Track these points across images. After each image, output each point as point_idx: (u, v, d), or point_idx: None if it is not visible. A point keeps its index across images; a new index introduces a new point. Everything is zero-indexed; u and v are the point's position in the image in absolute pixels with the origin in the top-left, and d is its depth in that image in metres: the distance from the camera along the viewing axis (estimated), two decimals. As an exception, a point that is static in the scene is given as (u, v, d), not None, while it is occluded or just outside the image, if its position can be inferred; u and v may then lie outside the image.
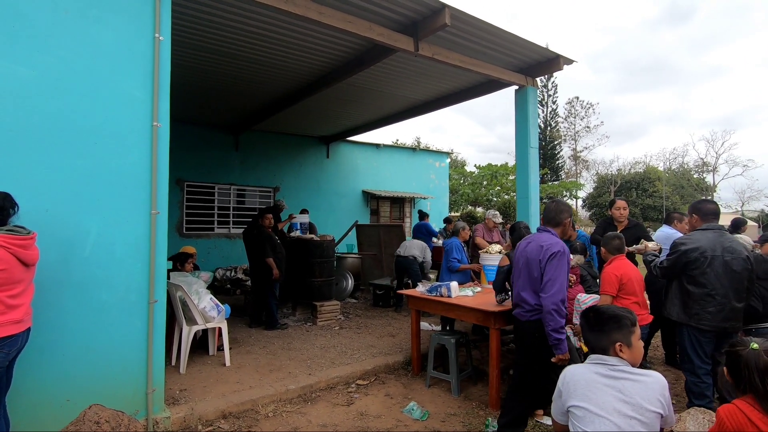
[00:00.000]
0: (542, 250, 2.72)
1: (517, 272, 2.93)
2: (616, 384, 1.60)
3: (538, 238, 2.84)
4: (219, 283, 8.75)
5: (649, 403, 1.56)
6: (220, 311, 4.37)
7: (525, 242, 2.95)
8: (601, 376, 1.64)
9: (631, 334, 1.67)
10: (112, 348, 2.95)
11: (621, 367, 1.63)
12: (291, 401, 3.65)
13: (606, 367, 1.65)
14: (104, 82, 2.98)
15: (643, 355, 4.47)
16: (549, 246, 2.71)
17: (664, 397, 1.58)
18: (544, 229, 2.93)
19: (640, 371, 1.63)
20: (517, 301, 2.92)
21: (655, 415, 1.56)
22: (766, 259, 3.70)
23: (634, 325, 1.70)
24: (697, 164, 41.12)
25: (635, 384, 1.59)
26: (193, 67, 5.81)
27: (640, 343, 1.70)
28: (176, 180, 9.11)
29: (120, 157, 3.02)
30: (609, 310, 1.77)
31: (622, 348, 1.66)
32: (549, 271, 2.64)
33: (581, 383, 1.66)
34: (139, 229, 3.07)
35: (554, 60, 5.73)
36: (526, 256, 2.82)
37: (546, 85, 37.44)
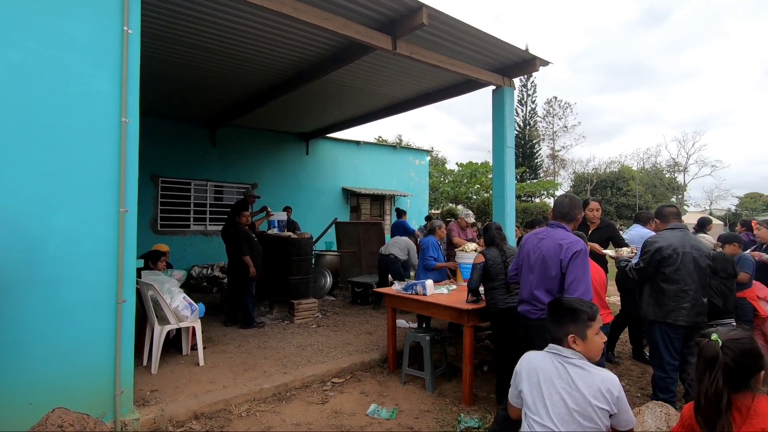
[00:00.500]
0: (562, 248, 2.57)
1: (527, 269, 2.79)
2: (564, 374, 1.65)
3: (554, 235, 2.69)
4: (195, 281, 8.61)
5: (593, 397, 1.59)
6: (193, 310, 4.31)
7: (536, 238, 2.80)
8: (553, 365, 1.70)
9: (586, 328, 1.70)
10: (78, 349, 2.88)
11: (573, 359, 1.67)
12: (265, 400, 3.63)
13: (559, 357, 1.70)
14: (71, 76, 2.89)
15: (611, 349, 4.66)
16: (570, 244, 2.57)
17: (611, 394, 1.59)
18: (557, 224, 2.76)
19: (592, 366, 1.66)
20: (528, 298, 2.77)
21: (599, 409, 1.58)
22: (728, 258, 3.87)
23: (591, 320, 1.71)
24: (669, 164, 42.54)
25: (583, 376, 1.63)
26: (167, 60, 5.67)
27: (597, 338, 1.71)
28: (150, 176, 8.90)
29: (87, 153, 2.93)
30: (568, 302, 1.82)
31: (576, 340, 1.70)
32: (573, 271, 2.52)
33: (534, 370, 1.73)
34: (107, 227, 2.99)
35: (530, 61, 5.82)
36: (542, 254, 2.66)
37: (525, 85, 38.04)
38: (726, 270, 3.74)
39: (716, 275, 3.72)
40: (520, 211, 19.69)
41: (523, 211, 20.79)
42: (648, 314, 3.32)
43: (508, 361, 3.35)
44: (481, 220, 15.61)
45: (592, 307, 1.76)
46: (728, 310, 3.73)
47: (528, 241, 2.88)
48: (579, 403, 1.59)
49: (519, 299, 2.93)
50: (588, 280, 2.55)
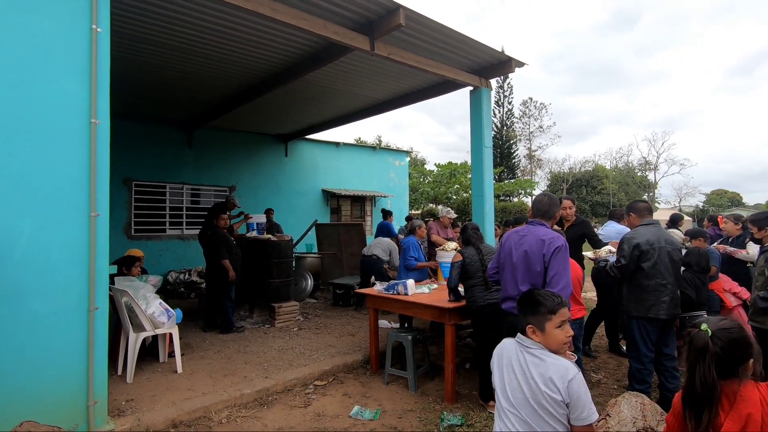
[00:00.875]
0: (545, 243, 2.68)
1: (510, 266, 2.85)
2: (523, 362, 1.73)
3: (536, 232, 2.78)
4: (172, 286, 8.40)
5: (544, 384, 1.64)
6: (170, 316, 4.20)
7: (517, 236, 2.88)
8: (516, 353, 1.78)
9: (545, 321, 1.73)
10: (48, 359, 2.77)
11: (532, 349, 1.74)
12: (246, 406, 3.57)
13: (522, 346, 1.78)
14: (37, 76, 2.78)
15: (587, 343, 4.77)
16: (552, 240, 2.68)
17: (563, 384, 1.61)
18: (538, 222, 2.88)
19: (550, 355, 1.70)
20: (513, 295, 2.81)
21: (549, 397, 1.62)
22: (702, 253, 4.02)
23: (551, 313, 1.73)
24: (641, 163, 43.95)
25: (537, 365, 1.69)
26: (141, 60, 5.52)
27: (557, 332, 1.72)
28: (123, 179, 8.64)
29: (55, 155, 2.83)
30: (532, 294, 1.87)
31: (535, 331, 1.75)
32: (555, 266, 2.62)
33: (502, 355, 1.84)
34: (78, 232, 2.89)
35: (506, 62, 5.92)
36: (525, 250, 2.75)
37: (502, 87, 38.67)
38: (699, 264, 3.88)
39: (690, 268, 3.85)
40: (498, 210, 20.00)
41: (501, 210, 21.11)
42: (630, 311, 3.37)
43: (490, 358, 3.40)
44: (462, 219, 15.78)
45: (555, 301, 1.76)
46: (701, 302, 3.87)
47: (509, 239, 2.94)
48: (533, 389, 1.66)
49: (503, 297, 2.97)
50: (568, 274, 2.66)
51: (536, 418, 1.64)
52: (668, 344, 3.37)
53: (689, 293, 3.77)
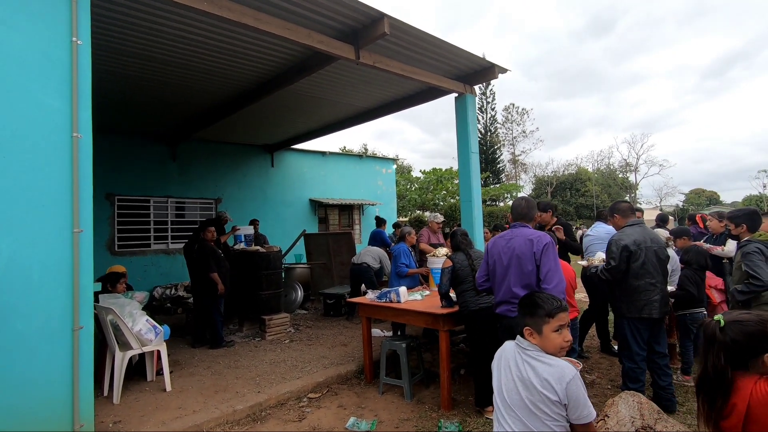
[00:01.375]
0: (533, 243, 2.76)
1: (502, 270, 2.89)
2: (521, 364, 1.73)
3: (522, 233, 2.87)
4: (158, 302, 8.22)
5: (540, 386, 1.63)
6: (158, 333, 4.09)
7: (503, 240, 2.94)
8: (514, 355, 1.78)
9: (542, 323, 1.72)
10: (31, 383, 2.66)
11: (529, 351, 1.73)
12: (239, 422, 3.48)
13: (520, 348, 1.78)
14: (13, 91, 2.71)
15: (580, 344, 4.80)
16: (539, 237, 2.77)
17: (560, 386, 1.60)
18: (521, 225, 2.97)
19: (547, 357, 1.69)
20: (507, 298, 2.85)
21: (546, 399, 1.61)
22: (700, 251, 4.09)
23: (550, 316, 1.72)
24: (621, 165, 44.87)
25: (534, 366, 1.68)
26: (122, 73, 5.44)
27: (555, 336, 1.71)
28: (105, 194, 8.46)
29: (35, 171, 2.75)
30: (532, 296, 1.86)
31: (532, 334, 1.75)
32: (547, 263, 2.70)
33: (501, 357, 1.84)
34: (60, 249, 2.80)
35: (489, 69, 6.00)
36: (515, 252, 2.80)
37: (485, 93, 39.20)
38: (699, 261, 3.94)
39: (690, 266, 3.91)
40: (485, 214, 20.16)
41: (488, 215, 21.29)
42: (622, 312, 3.38)
43: (484, 362, 3.39)
44: (450, 225, 15.83)
45: (554, 305, 1.74)
46: (701, 299, 3.94)
47: (495, 245, 3.01)
48: (530, 390, 1.66)
49: (497, 301, 3.00)
50: (560, 270, 2.73)
51: (533, 419, 1.64)
52: (659, 342, 3.41)
53: (691, 290, 3.80)
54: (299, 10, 4.15)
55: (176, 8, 3.78)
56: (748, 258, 3.11)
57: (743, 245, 3.26)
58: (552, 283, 2.65)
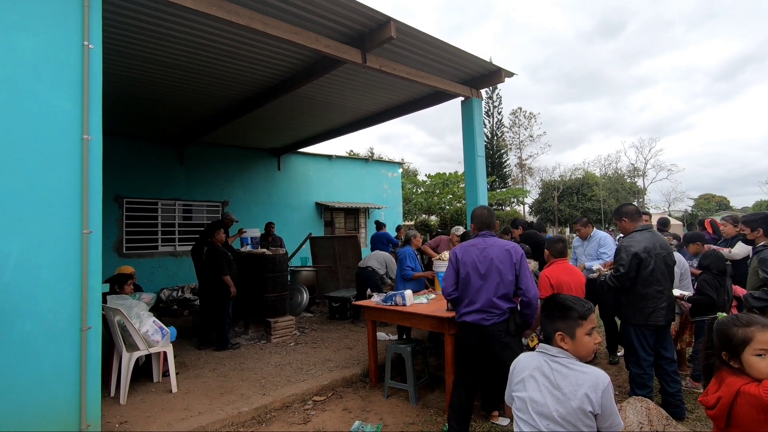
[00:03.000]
0: (511, 253, 2.86)
1: (478, 279, 2.90)
2: (549, 372, 1.62)
3: (496, 243, 2.94)
4: (165, 304, 8.26)
5: (574, 395, 1.54)
6: (164, 334, 4.11)
7: (477, 249, 2.95)
8: (539, 364, 1.67)
9: (576, 326, 1.65)
10: (38, 383, 2.68)
11: (560, 358, 1.64)
12: (244, 424, 3.48)
13: (547, 356, 1.67)
14: (26, 93, 2.76)
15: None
16: (514, 248, 2.88)
17: (596, 395, 1.53)
18: (490, 234, 3.05)
19: (579, 364, 1.62)
20: (484, 307, 2.87)
21: (580, 410, 1.53)
22: (719, 256, 4.02)
23: (583, 318, 1.66)
24: (629, 169, 44.50)
25: (566, 375, 1.59)
26: (133, 77, 5.51)
27: (587, 339, 1.65)
28: (114, 197, 8.55)
29: (45, 172, 2.79)
30: (560, 298, 1.78)
31: (564, 338, 1.66)
32: (524, 272, 2.85)
33: (522, 372, 1.71)
34: (69, 250, 2.83)
35: (496, 73, 6.00)
36: (494, 263, 2.85)
37: (491, 97, 39.18)
38: (718, 267, 3.84)
39: (709, 271, 3.82)
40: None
41: (494, 220, 21.16)
42: (628, 319, 3.33)
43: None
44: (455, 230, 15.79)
45: (585, 306, 1.70)
46: (721, 303, 3.87)
47: (467, 254, 2.99)
48: (561, 401, 1.56)
49: (469, 310, 2.95)
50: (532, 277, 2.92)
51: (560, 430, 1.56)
52: (666, 348, 3.36)
53: (711, 294, 3.70)
54: (307, 15, 4.19)
55: (186, 13, 3.83)
56: (765, 264, 3.03)
57: (760, 250, 3.19)
58: (531, 293, 2.79)
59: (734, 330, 1.49)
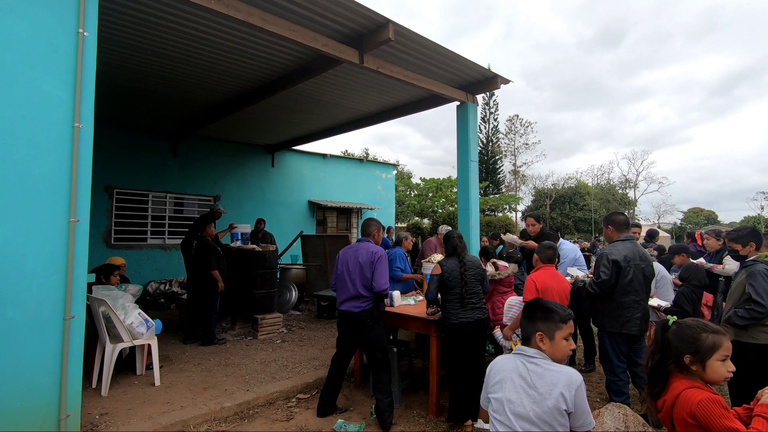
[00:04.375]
0: (373, 255, 3.49)
1: (348, 274, 3.53)
2: (525, 373, 1.66)
3: (367, 247, 3.57)
4: (152, 297, 8.19)
5: (549, 394, 1.58)
6: (149, 327, 4.09)
7: (351, 250, 3.61)
8: (516, 365, 1.70)
9: (556, 329, 1.70)
10: (18, 370, 2.65)
11: (536, 359, 1.68)
12: (226, 419, 3.47)
13: (524, 357, 1.70)
14: (17, 78, 2.73)
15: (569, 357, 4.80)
16: (376, 251, 3.52)
17: (570, 393, 1.58)
18: (365, 240, 3.69)
19: (553, 364, 1.66)
20: (354, 295, 3.48)
21: (555, 408, 1.57)
22: (699, 268, 4.07)
23: (563, 322, 1.72)
24: (621, 180, 44.99)
25: (541, 374, 1.63)
26: (127, 67, 5.47)
27: (564, 343, 1.71)
28: (104, 187, 8.47)
29: (34, 159, 2.76)
30: (543, 302, 1.83)
31: (543, 339, 1.70)
32: (379, 268, 3.45)
33: (498, 374, 1.74)
34: (55, 238, 2.81)
35: (492, 79, 6.05)
36: (359, 261, 3.50)
37: (488, 103, 39.37)
38: (697, 278, 3.89)
39: (688, 283, 3.86)
40: (483, 224, 20.18)
41: (486, 224, 21.31)
42: (604, 326, 3.39)
43: (461, 376, 3.39)
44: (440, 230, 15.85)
45: (565, 312, 1.77)
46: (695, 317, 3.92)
47: (345, 254, 3.65)
48: (537, 401, 1.59)
49: (343, 298, 3.56)
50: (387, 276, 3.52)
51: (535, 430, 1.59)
52: (640, 356, 3.42)
53: (686, 308, 3.73)
54: (306, 13, 4.20)
55: (183, 5, 3.82)
56: (755, 279, 2.95)
57: (749, 265, 3.11)
58: (378, 284, 3.41)
59: (704, 336, 1.55)
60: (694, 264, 4.19)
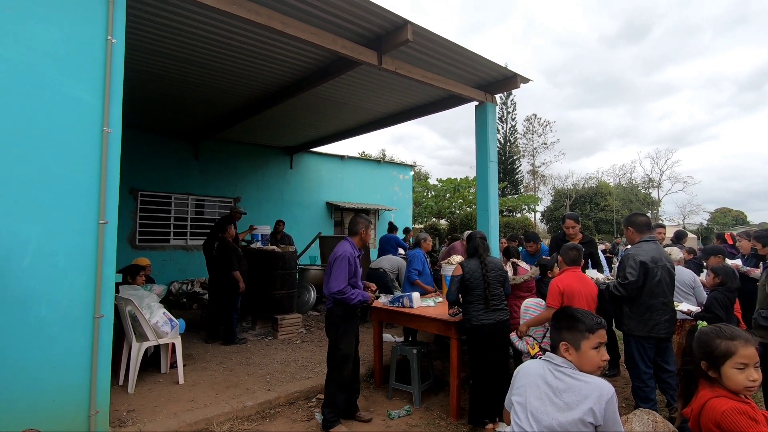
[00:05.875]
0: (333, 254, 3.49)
1: None
2: (552, 383, 1.60)
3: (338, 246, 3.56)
4: (174, 297, 8.38)
5: (576, 407, 1.52)
6: (173, 326, 4.18)
7: None
8: (542, 372, 1.65)
9: (582, 339, 1.63)
10: (51, 367, 2.75)
11: (564, 368, 1.62)
12: (248, 418, 3.52)
13: (551, 364, 1.65)
14: (50, 85, 2.83)
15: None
16: (335, 251, 3.47)
17: (600, 407, 1.50)
18: (347, 238, 3.66)
19: (582, 375, 1.60)
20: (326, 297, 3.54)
21: (580, 422, 1.50)
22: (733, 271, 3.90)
23: (590, 332, 1.64)
24: (644, 180, 43.85)
25: (571, 385, 1.57)
26: (152, 72, 5.62)
27: (593, 353, 1.63)
28: (129, 189, 8.70)
29: (65, 163, 2.86)
30: (571, 310, 1.76)
31: (569, 349, 1.65)
32: (334, 271, 3.40)
33: (524, 378, 1.70)
34: (86, 239, 2.90)
35: (512, 78, 5.98)
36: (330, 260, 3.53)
37: (505, 103, 38.95)
38: (730, 283, 3.68)
39: (723, 286, 3.67)
40: (502, 225, 19.95)
41: (505, 225, 21.07)
42: (631, 330, 3.28)
43: (482, 378, 3.35)
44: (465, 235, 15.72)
45: (594, 320, 1.67)
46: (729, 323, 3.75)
47: None
48: (562, 410, 1.54)
49: None
50: (337, 276, 3.38)
51: None
52: (668, 361, 3.31)
53: (719, 313, 3.51)
54: (325, 15, 4.23)
55: (206, 11, 3.90)
56: None
57: None
58: (330, 289, 3.37)
59: (717, 342, 1.50)
60: (728, 267, 4.03)
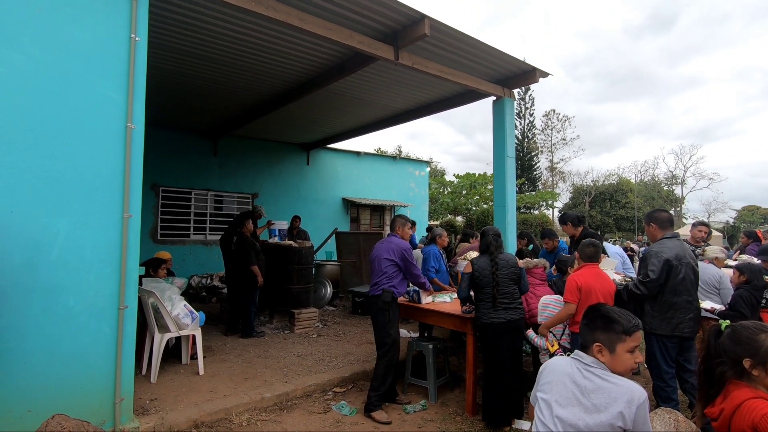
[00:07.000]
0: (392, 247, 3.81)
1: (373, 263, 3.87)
2: (581, 382, 1.56)
3: (390, 240, 3.91)
4: (194, 290, 8.56)
5: (605, 410, 1.47)
6: (194, 318, 4.27)
7: (380, 243, 3.96)
8: (571, 370, 1.60)
9: (617, 341, 1.56)
10: (78, 355, 2.85)
11: (594, 368, 1.57)
12: (266, 410, 3.58)
13: (580, 363, 1.61)
14: (77, 82, 2.92)
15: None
16: (397, 245, 3.84)
17: (630, 411, 1.45)
18: (392, 234, 3.99)
19: (613, 376, 1.55)
20: (372, 284, 3.86)
21: (608, 425, 1.46)
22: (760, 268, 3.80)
23: (627, 334, 1.56)
24: (667, 177, 42.71)
25: (601, 386, 1.52)
26: (172, 70, 5.73)
27: (628, 356, 1.56)
28: (151, 185, 8.91)
29: (91, 158, 2.94)
30: (606, 309, 1.69)
31: (602, 351, 1.59)
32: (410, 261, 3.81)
33: (550, 375, 1.65)
34: (111, 232, 2.99)
35: (530, 72, 5.89)
36: (381, 252, 3.83)
37: (523, 98, 38.38)
38: (756, 281, 3.60)
39: (749, 284, 3.59)
40: (519, 222, 19.72)
41: (522, 222, 20.80)
42: (653, 329, 3.19)
43: (493, 375, 3.33)
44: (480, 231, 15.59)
45: (631, 322, 1.59)
46: None
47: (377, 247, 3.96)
48: (589, 411, 1.49)
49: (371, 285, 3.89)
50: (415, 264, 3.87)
51: None
52: (690, 360, 3.23)
53: (744, 311, 3.45)
54: (342, 11, 4.24)
55: (225, 8, 3.95)
56: None
57: None
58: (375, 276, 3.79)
59: (763, 336, 1.47)
60: (754, 264, 3.90)
